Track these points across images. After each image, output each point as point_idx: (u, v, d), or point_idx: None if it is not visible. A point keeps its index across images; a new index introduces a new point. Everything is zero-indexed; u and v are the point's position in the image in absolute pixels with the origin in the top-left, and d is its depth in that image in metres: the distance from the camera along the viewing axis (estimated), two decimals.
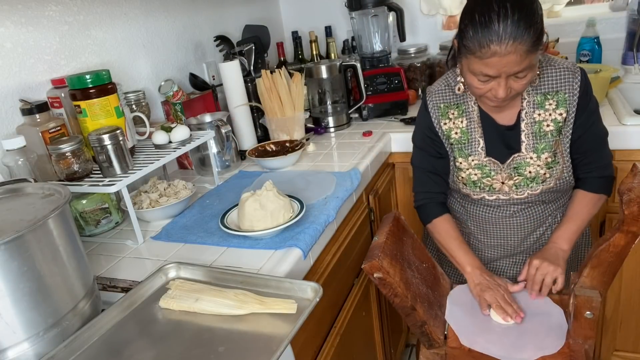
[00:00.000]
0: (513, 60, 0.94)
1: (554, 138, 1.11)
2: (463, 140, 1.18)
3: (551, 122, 1.11)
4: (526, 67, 0.96)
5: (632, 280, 1.57)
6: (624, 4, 1.91)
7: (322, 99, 1.84)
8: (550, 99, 1.11)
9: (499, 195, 1.17)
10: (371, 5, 1.84)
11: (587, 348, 1.00)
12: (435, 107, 1.20)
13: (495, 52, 0.94)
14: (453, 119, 1.18)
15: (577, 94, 1.09)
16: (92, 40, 1.37)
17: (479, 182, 1.18)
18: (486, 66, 0.97)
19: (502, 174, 1.15)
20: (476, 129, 1.17)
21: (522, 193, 1.16)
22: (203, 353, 0.72)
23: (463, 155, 1.18)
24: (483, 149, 1.16)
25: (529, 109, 1.12)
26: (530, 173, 1.13)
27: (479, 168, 1.17)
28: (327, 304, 1.16)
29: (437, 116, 1.20)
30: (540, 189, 1.14)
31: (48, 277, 0.73)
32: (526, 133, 1.13)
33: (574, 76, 1.09)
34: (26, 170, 1.05)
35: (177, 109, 1.52)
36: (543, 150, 1.12)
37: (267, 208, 1.03)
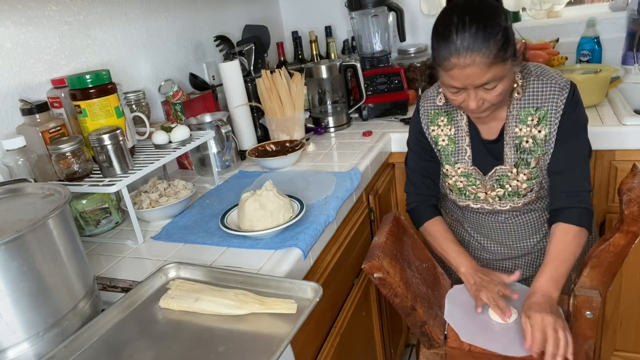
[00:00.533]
0: (474, 73, 0.94)
1: (532, 156, 1.10)
2: (450, 148, 1.19)
3: (531, 139, 1.09)
4: (492, 79, 0.95)
5: (632, 280, 1.57)
6: (624, 4, 1.91)
7: (322, 99, 1.84)
8: (532, 115, 1.08)
9: (483, 205, 1.18)
10: (371, 5, 1.84)
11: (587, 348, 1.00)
12: (426, 113, 1.21)
13: (455, 65, 0.94)
14: (442, 126, 1.19)
15: (560, 111, 1.05)
16: (92, 40, 1.37)
17: (465, 190, 1.19)
18: (451, 78, 0.97)
19: (486, 185, 1.16)
20: (464, 137, 1.17)
21: (504, 205, 1.16)
22: (203, 353, 0.72)
23: (450, 162, 1.19)
24: (470, 157, 1.17)
25: (511, 123, 1.10)
26: (511, 187, 1.13)
27: (465, 176, 1.18)
28: (327, 304, 1.16)
29: (426, 122, 1.21)
30: (522, 202, 1.14)
31: (48, 277, 0.73)
32: (509, 146, 1.12)
33: (561, 92, 1.05)
34: (26, 170, 1.05)
35: (177, 109, 1.52)
36: (522, 166, 1.11)
37: (267, 208, 1.03)
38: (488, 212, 1.20)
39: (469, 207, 1.21)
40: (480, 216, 1.23)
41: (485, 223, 1.23)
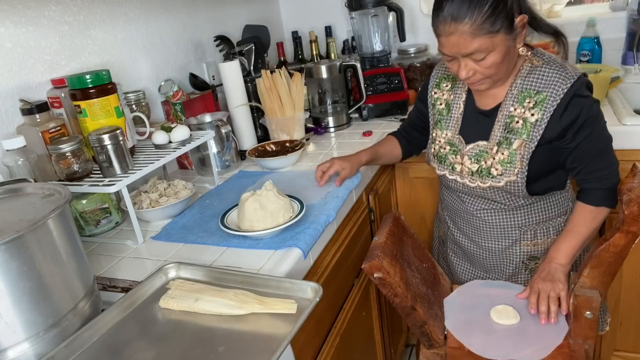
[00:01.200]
0: (458, 42, 0.97)
1: (518, 137, 1.08)
2: (444, 113, 1.22)
3: (521, 120, 1.08)
4: (478, 50, 0.97)
5: (632, 280, 1.57)
6: (624, 4, 1.91)
7: (322, 99, 1.84)
8: (531, 97, 1.07)
9: (456, 178, 1.20)
10: (371, 5, 1.84)
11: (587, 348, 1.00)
12: (436, 76, 1.27)
13: (442, 32, 0.99)
14: (444, 91, 1.24)
15: (558, 100, 1.03)
16: (92, 40, 1.37)
17: (445, 158, 1.21)
18: (441, 45, 1.02)
19: (464, 156, 1.17)
20: (459, 106, 1.20)
21: (473, 182, 1.16)
22: (203, 353, 0.72)
23: (440, 127, 1.23)
24: (458, 126, 1.19)
25: (508, 101, 1.10)
26: (486, 164, 1.13)
27: (449, 144, 1.20)
28: (327, 304, 1.16)
29: (433, 84, 1.27)
30: (489, 183, 1.13)
31: (48, 277, 0.73)
32: (499, 125, 1.11)
33: (564, 82, 1.03)
34: (26, 170, 1.05)
35: (177, 109, 1.52)
36: (503, 146, 1.10)
37: (267, 208, 1.03)
38: (460, 190, 1.22)
39: (445, 178, 1.23)
40: (454, 196, 1.26)
41: (458, 209, 1.26)
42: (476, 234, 1.25)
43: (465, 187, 1.19)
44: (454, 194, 1.26)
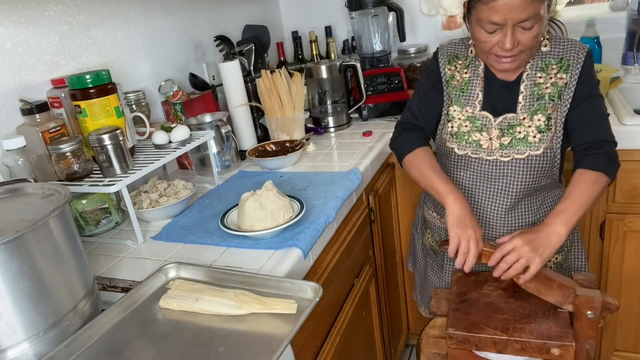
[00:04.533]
0: (519, 4, 0.96)
1: (551, 101, 1.10)
2: (462, 89, 1.19)
3: (551, 85, 1.10)
4: (532, 15, 0.97)
5: (632, 280, 1.57)
6: (624, 4, 1.91)
7: (322, 99, 1.84)
8: (553, 65, 1.11)
9: (482, 155, 1.14)
10: (371, 5, 1.84)
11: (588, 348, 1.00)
12: (445, 54, 1.23)
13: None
14: (458, 68, 1.20)
15: (581, 63, 1.09)
16: (92, 40, 1.37)
17: (467, 136, 1.16)
18: (492, 12, 0.98)
19: (493, 130, 1.13)
20: (478, 82, 1.17)
21: (507, 155, 1.12)
22: (203, 353, 0.72)
23: (459, 103, 1.18)
24: (480, 102, 1.16)
25: (531, 72, 1.12)
26: (520, 134, 1.11)
27: (471, 120, 1.16)
28: (327, 304, 1.16)
29: (444, 61, 1.22)
30: (527, 152, 1.11)
31: (48, 277, 0.73)
32: (524, 95, 1.12)
33: (582, 48, 1.10)
34: (26, 170, 1.05)
35: (177, 109, 1.52)
36: (537, 112, 1.11)
37: (267, 208, 1.03)
38: (486, 164, 1.14)
39: (466, 158, 1.17)
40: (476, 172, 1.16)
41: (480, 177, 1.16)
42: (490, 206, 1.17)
43: (492, 165, 1.13)
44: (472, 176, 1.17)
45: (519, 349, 0.97)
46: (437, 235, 1.31)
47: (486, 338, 0.98)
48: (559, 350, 0.94)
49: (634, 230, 1.51)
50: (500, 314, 1.02)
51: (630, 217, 1.50)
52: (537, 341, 0.95)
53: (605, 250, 1.57)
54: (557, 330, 0.96)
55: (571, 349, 0.93)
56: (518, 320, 1.00)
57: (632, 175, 1.45)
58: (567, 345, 0.93)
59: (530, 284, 1.01)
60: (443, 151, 1.22)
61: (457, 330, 1.00)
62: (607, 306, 0.96)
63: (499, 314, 1.02)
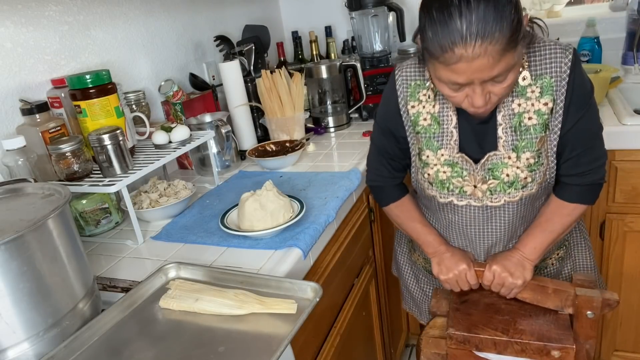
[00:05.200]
0: (485, 64, 0.77)
1: (537, 134, 0.92)
2: (433, 129, 0.98)
3: (534, 115, 0.91)
4: (504, 70, 0.79)
5: (632, 280, 1.57)
6: (624, 4, 1.91)
7: (322, 99, 1.84)
8: (533, 85, 0.91)
9: (470, 201, 0.99)
10: (371, 5, 1.84)
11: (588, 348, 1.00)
12: (404, 85, 1.00)
13: (462, 57, 0.76)
14: (424, 102, 0.99)
15: (565, 77, 0.89)
16: (92, 40, 1.37)
17: (448, 182, 0.99)
18: (454, 73, 0.80)
19: (475, 176, 0.97)
20: (450, 117, 0.97)
21: (497, 200, 0.97)
22: (203, 353, 0.72)
23: (432, 147, 0.99)
24: (456, 142, 0.97)
25: (506, 99, 0.92)
26: (508, 176, 0.95)
27: (450, 165, 0.98)
28: (327, 304, 1.16)
29: (404, 96, 1.00)
30: (519, 195, 0.96)
31: (48, 277, 0.73)
32: (504, 127, 0.93)
33: (564, 55, 0.89)
34: (26, 170, 1.05)
35: (177, 109, 1.52)
36: (524, 149, 0.93)
37: (267, 208, 1.03)
38: (471, 212, 1.01)
39: (451, 205, 1.01)
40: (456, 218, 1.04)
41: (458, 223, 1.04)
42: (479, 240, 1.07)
43: (481, 210, 1.00)
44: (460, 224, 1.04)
45: (519, 350, 0.97)
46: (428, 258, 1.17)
47: (487, 339, 0.98)
48: (559, 353, 0.94)
49: (634, 230, 1.51)
50: (500, 315, 1.02)
51: (630, 217, 1.50)
52: (537, 343, 0.95)
53: (605, 250, 1.57)
54: (557, 332, 0.96)
55: (571, 351, 0.93)
56: (519, 322, 1.00)
57: (632, 175, 1.45)
58: (568, 347, 0.93)
59: (526, 295, 1.01)
60: (424, 196, 1.08)
61: (458, 330, 1.00)
62: (607, 302, 0.96)
63: (499, 315, 1.02)
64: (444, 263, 1.05)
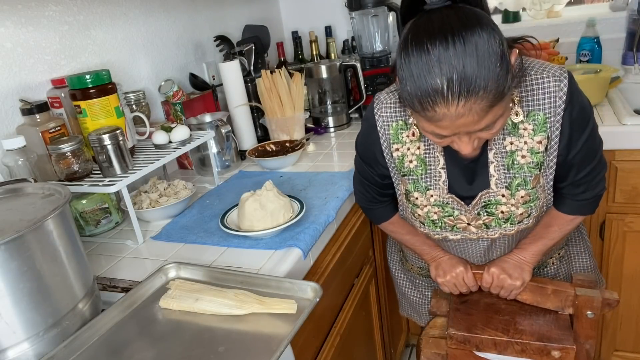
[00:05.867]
0: (469, 121, 0.72)
1: (532, 173, 0.88)
2: (420, 171, 0.94)
3: (528, 153, 0.87)
4: (492, 120, 0.74)
5: (632, 280, 1.57)
6: (624, 4, 1.91)
7: (322, 99, 1.84)
8: (525, 122, 0.86)
9: (465, 235, 0.98)
10: (371, 5, 1.84)
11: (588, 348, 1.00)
12: (386, 126, 0.95)
13: (444, 116, 0.72)
14: (408, 144, 0.94)
15: (560, 112, 0.84)
16: (92, 40, 1.37)
17: (440, 222, 0.97)
18: (437, 127, 0.75)
19: (468, 215, 0.95)
20: (437, 158, 0.93)
21: (493, 233, 0.96)
22: (203, 353, 0.72)
23: (419, 189, 0.95)
24: (445, 183, 0.93)
25: (497, 136, 0.88)
26: (503, 213, 0.92)
27: (440, 206, 0.95)
28: (327, 304, 1.16)
29: (387, 138, 0.95)
30: (515, 229, 0.95)
31: (48, 277, 0.73)
32: (496, 165, 0.90)
33: (558, 87, 0.83)
34: (26, 170, 1.05)
35: (177, 109, 1.52)
36: (518, 187, 0.89)
37: (267, 208, 1.03)
38: (472, 241, 1.00)
39: (446, 240, 1.01)
40: (461, 247, 1.03)
41: (467, 251, 1.04)
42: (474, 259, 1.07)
43: (477, 242, 1.00)
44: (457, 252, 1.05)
45: (519, 351, 0.97)
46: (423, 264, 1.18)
47: (487, 339, 0.98)
48: (560, 353, 0.94)
49: (634, 230, 1.51)
50: (501, 315, 1.02)
51: (630, 217, 1.50)
52: (537, 343, 0.95)
53: (605, 250, 1.57)
54: (557, 332, 0.96)
55: (571, 351, 0.93)
56: (519, 322, 1.00)
57: (632, 175, 1.45)
58: (568, 347, 0.93)
59: (525, 297, 1.02)
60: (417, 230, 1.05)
61: (458, 330, 1.00)
62: (607, 302, 0.96)
63: (499, 315, 1.02)
64: (441, 266, 1.05)
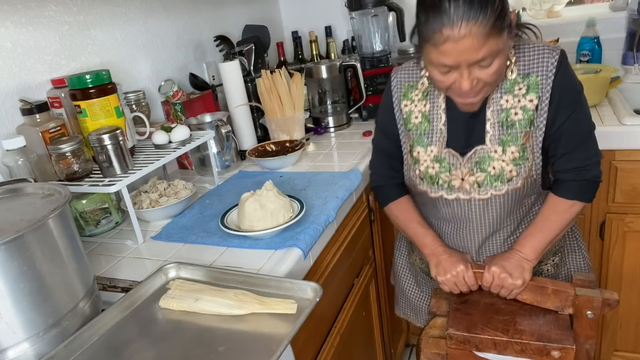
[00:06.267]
0: (470, 46, 0.84)
1: (522, 129, 0.98)
2: (423, 127, 1.06)
3: (520, 110, 0.97)
4: (488, 54, 0.85)
5: (632, 280, 1.57)
6: (624, 4, 1.91)
7: (322, 99, 1.84)
8: (520, 83, 0.97)
9: (458, 195, 1.04)
10: (371, 5, 1.84)
11: (588, 348, 1.00)
12: (399, 85, 1.10)
13: (449, 37, 0.84)
14: (416, 102, 1.07)
15: (551, 75, 0.95)
16: (92, 40, 1.37)
17: (437, 178, 1.05)
18: (442, 55, 0.87)
19: (462, 169, 1.02)
20: (440, 115, 1.04)
21: (485, 193, 1.02)
22: (203, 353, 0.72)
23: (422, 143, 1.06)
24: (444, 139, 1.03)
25: (495, 95, 0.99)
26: (494, 169, 1.00)
27: (438, 161, 1.04)
28: (327, 304, 1.16)
29: (398, 95, 1.09)
30: (505, 189, 1.00)
31: (48, 277, 0.73)
32: (492, 122, 0.99)
33: (550, 55, 0.95)
34: (26, 170, 1.05)
35: (177, 109, 1.52)
36: (509, 143, 0.98)
37: (267, 208, 1.03)
38: (460, 206, 1.06)
39: (442, 200, 1.06)
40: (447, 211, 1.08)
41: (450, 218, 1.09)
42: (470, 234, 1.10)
43: (470, 203, 1.04)
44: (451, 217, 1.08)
45: (519, 351, 0.97)
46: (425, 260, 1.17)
47: (487, 339, 0.98)
48: (559, 353, 0.94)
49: (634, 230, 1.51)
50: (500, 315, 1.02)
51: (630, 217, 1.50)
52: (537, 343, 0.95)
53: (605, 250, 1.57)
54: (557, 332, 0.96)
55: (571, 351, 0.93)
56: (519, 322, 1.00)
57: (632, 175, 1.45)
58: (568, 348, 0.93)
59: (526, 296, 1.02)
60: (417, 192, 1.12)
61: (458, 330, 1.00)
62: (607, 302, 0.96)
63: (499, 315, 1.02)
64: (442, 265, 1.05)
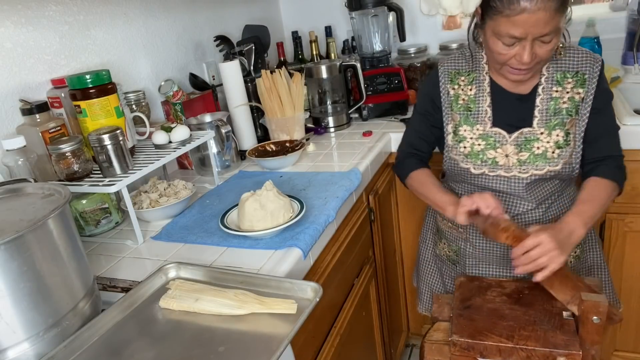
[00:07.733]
0: (542, 19, 0.93)
1: (569, 116, 1.09)
2: (470, 107, 1.16)
3: (568, 100, 1.09)
4: (552, 30, 0.95)
5: (632, 280, 1.57)
6: (624, 4, 1.91)
7: (322, 99, 1.84)
8: (569, 78, 1.09)
9: (500, 172, 1.13)
10: (371, 5, 1.84)
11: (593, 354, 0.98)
12: (446, 72, 1.20)
13: (525, 9, 0.93)
14: (462, 86, 1.18)
15: (596, 77, 1.08)
16: (92, 40, 1.37)
17: (482, 154, 1.14)
18: (513, 25, 0.95)
19: (508, 147, 1.12)
20: (485, 98, 1.15)
21: (525, 171, 1.11)
22: (203, 353, 0.72)
23: (468, 122, 1.16)
24: (490, 118, 1.14)
25: (547, 84, 1.10)
26: (538, 149, 1.10)
27: (484, 138, 1.14)
28: (327, 304, 1.16)
29: (445, 81, 1.20)
30: (546, 168, 1.10)
31: (48, 277, 0.73)
32: (540, 108, 1.10)
33: (596, 61, 1.09)
34: (26, 170, 1.05)
35: (177, 109, 1.52)
36: (555, 127, 1.09)
37: (267, 208, 1.03)
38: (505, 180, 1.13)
39: (484, 176, 1.15)
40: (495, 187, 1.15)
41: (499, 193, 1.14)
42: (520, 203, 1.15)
43: (510, 181, 1.12)
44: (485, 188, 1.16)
45: (524, 357, 0.95)
46: (454, 245, 1.29)
47: (491, 345, 0.96)
48: (565, 359, 0.93)
49: (634, 230, 1.51)
50: (505, 320, 1.00)
51: (630, 217, 1.50)
52: (543, 349, 0.93)
53: (605, 250, 1.57)
54: (563, 338, 0.95)
55: (578, 357, 0.92)
56: (523, 328, 0.98)
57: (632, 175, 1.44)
58: (574, 353, 0.92)
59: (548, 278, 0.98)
60: (456, 171, 1.20)
61: (462, 337, 0.99)
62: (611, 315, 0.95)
63: (503, 320, 1.00)
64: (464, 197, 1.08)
